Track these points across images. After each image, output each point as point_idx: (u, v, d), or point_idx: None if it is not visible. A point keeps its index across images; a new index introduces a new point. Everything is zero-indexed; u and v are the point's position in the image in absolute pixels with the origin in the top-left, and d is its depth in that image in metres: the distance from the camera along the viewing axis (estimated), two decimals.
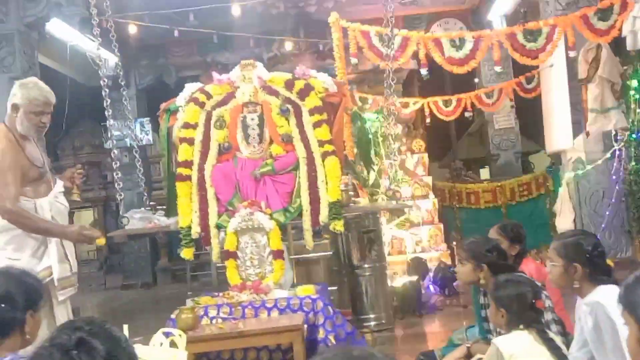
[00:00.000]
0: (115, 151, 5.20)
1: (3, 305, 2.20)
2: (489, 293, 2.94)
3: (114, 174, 5.09)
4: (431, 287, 7.22)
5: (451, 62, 6.21)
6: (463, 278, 3.30)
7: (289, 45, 10.35)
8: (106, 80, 5.19)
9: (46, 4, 7.40)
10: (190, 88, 5.02)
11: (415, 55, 6.56)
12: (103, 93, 5.12)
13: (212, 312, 4.20)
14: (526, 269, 3.41)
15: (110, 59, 9.15)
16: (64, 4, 7.48)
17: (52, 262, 3.49)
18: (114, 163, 5.15)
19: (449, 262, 7.70)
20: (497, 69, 7.63)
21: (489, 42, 6.31)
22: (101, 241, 3.73)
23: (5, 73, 7.29)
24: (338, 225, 4.67)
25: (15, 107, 3.56)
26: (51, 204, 3.60)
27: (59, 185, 3.74)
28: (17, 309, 2.23)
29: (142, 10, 8.11)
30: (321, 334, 4.11)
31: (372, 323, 5.48)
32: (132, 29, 8.64)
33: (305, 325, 4.02)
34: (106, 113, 5.21)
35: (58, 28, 8.13)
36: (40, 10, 7.41)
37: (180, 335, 3.11)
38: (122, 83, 5.68)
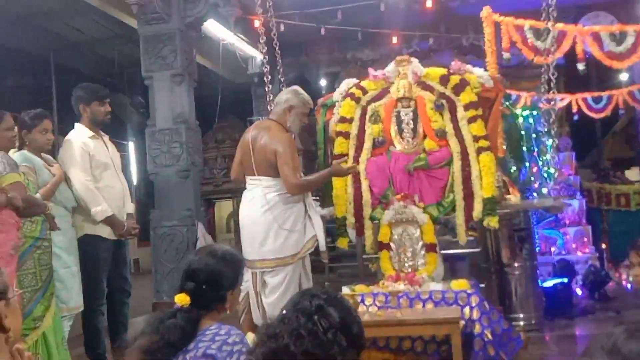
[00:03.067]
0: None
1: (204, 287, 2.38)
2: None
3: None
4: (578, 291, 6.95)
5: (610, 56, 5.96)
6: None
7: (429, 42, 10.31)
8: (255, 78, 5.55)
9: (205, 5, 7.86)
10: (346, 84, 5.17)
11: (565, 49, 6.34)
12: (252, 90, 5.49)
13: (369, 300, 4.34)
14: None
15: (257, 58, 9.60)
16: (220, 4, 7.89)
17: (318, 232, 4.30)
18: None
19: (597, 265, 7.38)
20: None
21: None
22: (355, 167, 4.63)
23: (167, 70, 7.79)
24: (492, 222, 4.64)
25: (289, 108, 4.35)
26: None
27: None
28: (220, 289, 2.41)
29: (292, 10, 8.39)
30: (477, 329, 4.11)
31: (522, 323, 5.38)
32: (280, 28, 8.95)
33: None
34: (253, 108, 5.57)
35: (212, 27, 8.59)
36: (199, 10, 7.86)
37: None
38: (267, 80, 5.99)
